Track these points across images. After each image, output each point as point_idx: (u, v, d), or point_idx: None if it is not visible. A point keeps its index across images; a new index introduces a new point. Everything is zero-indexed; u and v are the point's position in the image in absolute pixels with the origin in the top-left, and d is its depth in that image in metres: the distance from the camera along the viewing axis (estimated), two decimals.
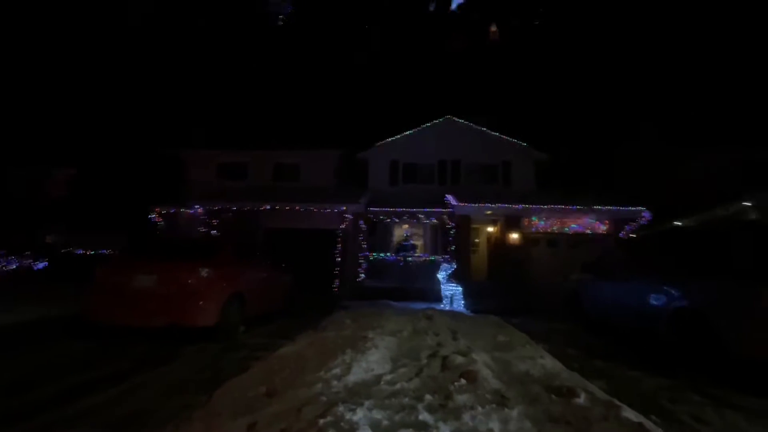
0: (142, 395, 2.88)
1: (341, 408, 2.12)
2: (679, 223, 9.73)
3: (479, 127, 14.80)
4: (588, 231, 12.16)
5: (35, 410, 2.53)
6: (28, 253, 13.49)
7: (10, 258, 12.99)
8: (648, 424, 2.07)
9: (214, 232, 11.69)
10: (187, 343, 4.45)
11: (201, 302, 4.51)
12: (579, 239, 12.03)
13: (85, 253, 13.08)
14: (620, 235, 11.60)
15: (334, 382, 2.73)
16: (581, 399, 2.46)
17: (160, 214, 12.92)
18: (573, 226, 12.19)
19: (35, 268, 13.16)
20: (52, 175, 16.72)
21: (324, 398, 2.41)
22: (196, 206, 12.19)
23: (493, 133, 14.74)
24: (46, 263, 13.26)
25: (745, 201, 8.28)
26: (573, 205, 11.51)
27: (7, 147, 16.25)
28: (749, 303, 3.24)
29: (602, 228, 12.18)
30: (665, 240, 5.12)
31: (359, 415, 2.07)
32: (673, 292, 4.07)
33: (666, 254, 4.69)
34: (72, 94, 19.83)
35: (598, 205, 11.47)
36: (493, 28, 13.26)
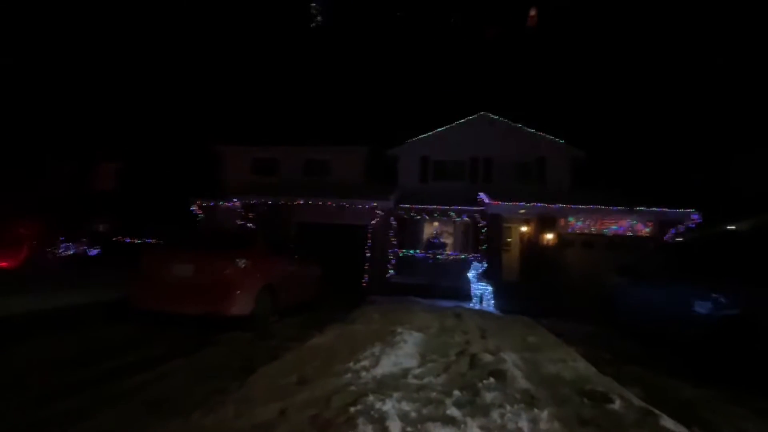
0: (178, 379, 3.02)
1: (371, 398, 2.18)
2: (733, 227, 9.03)
3: (514, 124, 14.38)
4: (629, 233, 11.57)
5: (74, 389, 2.69)
6: (84, 240, 14.62)
7: (68, 244, 14.16)
8: None
9: (250, 225, 12.15)
10: (221, 331, 4.64)
11: (236, 292, 4.70)
12: (618, 241, 11.47)
13: (133, 241, 13.98)
14: (665, 238, 10.95)
15: (363, 374, 2.80)
16: (615, 404, 2.38)
17: (200, 207, 13.58)
18: (613, 227, 11.64)
19: (90, 254, 14.24)
20: (100, 168, 17.89)
21: (353, 388, 2.49)
22: (233, 200, 12.72)
23: (528, 129, 14.26)
24: (99, 250, 14.32)
25: None
26: (613, 206, 10.98)
27: (56, 142, 17.47)
28: None
29: (645, 230, 11.54)
30: (717, 244, 4.80)
31: (388, 405, 2.12)
32: (722, 299, 3.83)
33: (717, 259, 4.40)
34: (112, 92, 20.97)
35: (642, 206, 10.87)
36: (533, 13, 12.65)
